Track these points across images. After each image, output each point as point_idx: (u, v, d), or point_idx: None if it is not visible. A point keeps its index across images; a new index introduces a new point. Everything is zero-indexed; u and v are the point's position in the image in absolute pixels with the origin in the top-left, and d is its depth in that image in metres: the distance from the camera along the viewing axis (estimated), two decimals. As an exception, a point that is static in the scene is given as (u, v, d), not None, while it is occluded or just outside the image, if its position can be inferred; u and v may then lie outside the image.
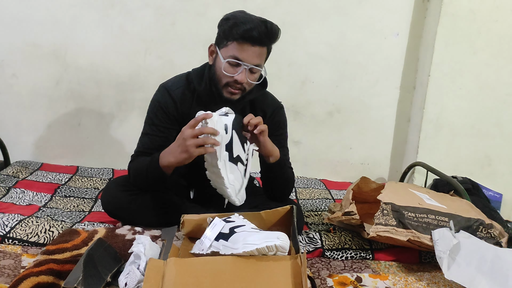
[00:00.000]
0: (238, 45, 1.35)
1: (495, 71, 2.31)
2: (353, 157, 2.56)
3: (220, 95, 1.43)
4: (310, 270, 1.32)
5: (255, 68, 1.39)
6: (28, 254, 1.27)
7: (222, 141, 1.27)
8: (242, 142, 1.31)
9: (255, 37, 1.34)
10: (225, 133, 1.27)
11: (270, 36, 1.37)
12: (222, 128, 1.27)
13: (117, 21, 2.25)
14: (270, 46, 1.42)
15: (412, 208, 1.43)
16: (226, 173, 1.28)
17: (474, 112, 2.35)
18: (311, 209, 1.92)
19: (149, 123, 1.49)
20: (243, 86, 1.40)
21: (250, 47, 1.35)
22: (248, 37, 1.34)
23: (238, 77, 1.37)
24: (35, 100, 2.27)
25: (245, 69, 1.37)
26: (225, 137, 1.27)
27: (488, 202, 2.09)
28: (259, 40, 1.35)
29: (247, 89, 1.43)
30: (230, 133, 1.28)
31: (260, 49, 1.38)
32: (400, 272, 1.36)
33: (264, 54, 1.41)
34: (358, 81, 2.46)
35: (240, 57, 1.36)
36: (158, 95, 1.50)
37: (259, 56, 1.38)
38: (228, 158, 1.28)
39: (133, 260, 1.09)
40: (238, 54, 1.36)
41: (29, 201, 1.72)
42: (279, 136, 1.56)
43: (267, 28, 1.35)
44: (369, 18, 2.40)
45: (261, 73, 1.45)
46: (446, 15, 2.24)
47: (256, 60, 1.37)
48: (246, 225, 1.15)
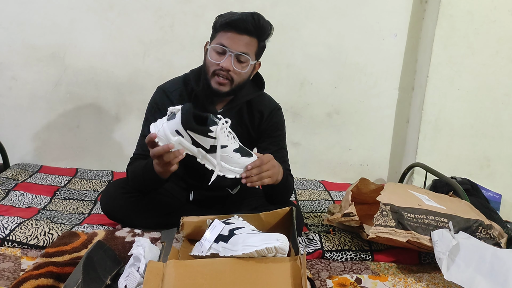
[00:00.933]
0: (224, 33, 1.38)
1: (494, 72, 2.31)
2: (352, 158, 2.56)
3: (209, 86, 1.42)
4: (310, 271, 1.32)
5: (242, 56, 1.38)
6: (28, 257, 1.27)
7: (185, 142, 1.23)
8: (203, 133, 1.23)
9: (240, 25, 1.36)
10: (181, 136, 1.22)
11: (257, 26, 1.38)
12: (175, 134, 1.22)
13: (116, 23, 2.25)
14: (260, 38, 1.41)
15: (411, 209, 1.43)
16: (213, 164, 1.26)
17: (473, 112, 2.35)
18: (311, 210, 1.92)
19: (147, 124, 1.48)
20: (229, 74, 1.39)
21: (236, 35, 1.37)
22: (234, 25, 1.36)
23: (224, 63, 1.37)
24: (34, 102, 2.27)
25: (230, 56, 1.37)
26: (186, 138, 1.23)
27: (487, 202, 2.09)
28: (244, 29, 1.36)
29: (235, 80, 1.41)
30: (186, 134, 1.22)
31: (248, 38, 1.38)
32: (400, 273, 1.37)
33: (253, 46, 1.41)
34: (357, 82, 2.47)
35: (226, 44, 1.37)
36: (155, 97, 1.51)
37: (246, 45, 1.38)
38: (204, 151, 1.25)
39: (133, 262, 1.09)
40: (224, 41, 1.38)
41: (29, 203, 1.72)
42: (277, 137, 1.56)
43: (253, 18, 1.37)
44: (367, 19, 2.40)
45: (253, 68, 1.45)
46: (444, 16, 2.25)
47: (242, 48, 1.38)
48: (245, 227, 1.15)
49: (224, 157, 1.25)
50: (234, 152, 1.25)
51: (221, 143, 1.23)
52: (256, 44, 1.41)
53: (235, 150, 1.26)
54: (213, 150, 1.24)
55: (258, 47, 1.43)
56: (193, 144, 1.24)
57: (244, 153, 1.27)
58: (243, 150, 1.28)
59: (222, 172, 1.26)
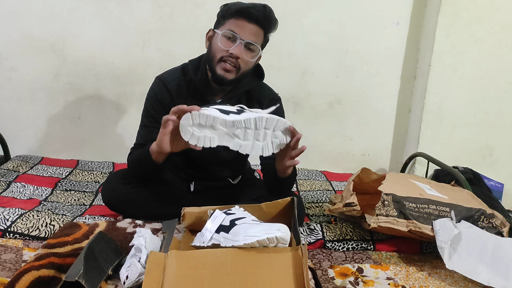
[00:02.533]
0: (235, 20, 1.38)
1: (497, 60, 2.29)
2: (354, 148, 2.55)
3: (214, 73, 1.41)
4: (312, 261, 1.32)
5: (252, 45, 1.38)
6: (29, 248, 1.27)
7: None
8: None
9: (252, 14, 1.36)
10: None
11: (267, 18, 1.38)
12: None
13: (115, 13, 2.23)
14: (267, 30, 1.42)
15: (413, 198, 1.42)
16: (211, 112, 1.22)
17: (475, 101, 2.34)
18: (312, 200, 1.92)
19: (146, 115, 1.50)
20: (237, 62, 1.39)
21: (247, 24, 1.37)
22: (246, 13, 1.36)
23: (234, 50, 1.37)
24: (34, 93, 2.26)
25: (241, 43, 1.37)
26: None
27: (489, 192, 2.08)
28: (255, 18, 1.36)
29: (241, 68, 1.40)
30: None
31: (257, 28, 1.38)
32: (402, 262, 1.37)
33: (261, 36, 1.41)
34: (359, 72, 2.45)
35: (236, 31, 1.37)
36: (154, 87, 1.51)
37: (255, 34, 1.39)
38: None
39: (134, 253, 1.09)
40: (235, 28, 1.37)
41: (30, 195, 1.72)
42: None
43: (265, 9, 1.38)
44: (369, 7, 2.37)
45: (256, 58, 1.45)
46: (446, 4, 2.22)
47: (252, 37, 1.38)
48: (246, 217, 1.15)
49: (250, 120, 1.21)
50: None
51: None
52: (263, 36, 1.42)
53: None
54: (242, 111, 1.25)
55: (264, 39, 1.44)
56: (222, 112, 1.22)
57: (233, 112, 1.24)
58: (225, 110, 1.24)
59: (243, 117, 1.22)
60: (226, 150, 1.26)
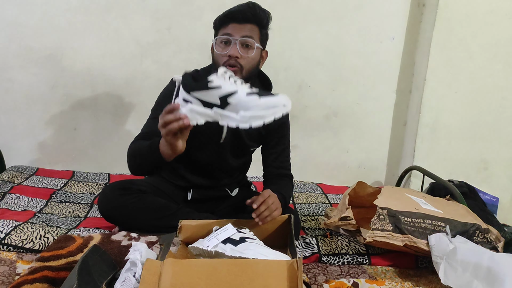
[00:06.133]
0: (226, 26, 1.41)
1: (491, 75, 2.32)
2: (350, 160, 2.56)
3: None
4: (307, 275, 1.32)
5: (247, 40, 1.40)
6: (23, 261, 1.26)
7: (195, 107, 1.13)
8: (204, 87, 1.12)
9: (238, 15, 1.39)
10: (190, 103, 1.14)
11: (254, 13, 1.41)
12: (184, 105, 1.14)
13: (113, 25, 2.24)
14: (260, 24, 1.43)
15: (408, 213, 1.43)
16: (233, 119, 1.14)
17: (470, 115, 2.35)
18: (308, 213, 1.91)
19: (156, 108, 1.51)
20: (238, 62, 1.40)
21: (237, 25, 1.40)
22: (232, 17, 1.40)
23: (231, 51, 1.39)
24: (31, 104, 2.26)
25: (235, 43, 1.39)
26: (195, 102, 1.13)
27: (484, 206, 2.09)
28: (243, 18, 1.40)
29: (244, 66, 1.41)
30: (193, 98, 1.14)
31: (249, 26, 1.41)
32: (397, 277, 1.36)
33: (256, 31, 1.43)
34: (355, 85, 2.47)
35: (228, 32, 1.40)
36: (169, 86, 1.53)
37: (249, 31, 1.41)
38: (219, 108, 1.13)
39: (129, 267, 1.08)
40: (225, 31, 1.41)
41: (24, 206, 1.71)
42: (283, 137, 1.61)
43: (249, 7, 1.41)
44: (365, 22, 2.40)
45: (260, 55, 1.47)
46: (441, 20, 2.25)
47: (244, 32, 1.40)
48: (256, 240, 1.17)
49: (240, 104, 1.12)
50: (248, 95, 1.11)
51: (227, 91, 1.11)
52: (258, 31, 1.44)
53: (249, 93, 1.12)
54: (226, 103, 1.12)
55: (261, 34, 1.45)
56: (205, 106, 1.13)
57: (262, 94, 1.13)
58: (260, 92, 1.14)
59: (244, 122, 1.12)
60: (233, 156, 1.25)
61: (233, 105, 1.11)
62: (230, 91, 1.11)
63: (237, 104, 1.11)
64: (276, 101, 1.12)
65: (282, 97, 1.13)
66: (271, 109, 1.11)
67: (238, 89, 1.12)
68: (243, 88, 1.13)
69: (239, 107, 1.11)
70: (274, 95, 1.13)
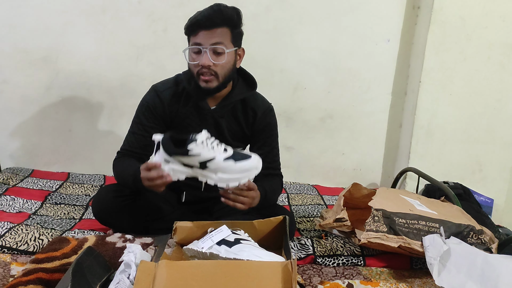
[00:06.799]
0: (195, 35, 1.40)
1: (485, 77, 2.33)
2: (345, 162, 2.56)
3: (198, 87, 1.45)
4: (302, 277, 1.32)
5: (218, 48, 1.39)
6: (18, 263, 1.26)
7: (176, 167, 1.28)
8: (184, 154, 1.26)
9: (202, 22, 1.38)
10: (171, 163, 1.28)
11: (220, 15, 1.39)
12: (165, 164, 1.28)
13: (109, 27, 2.24)
14: (229, 25, 1.42)
15: (403, 214, 1.43)
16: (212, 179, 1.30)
17: (465, 117, 2.37)
18: (304, 215, 1.92)
19: (136, 121, 1.52)
20: (211, 70, 1.41)
21: (205, 32, 1.39)
22: (197, 24, 1.39)
23: (202, 61, 1.39)
24: (26, 106, 2.25)
25: (205, 52, 1.39)
26: (176, 163, 1.28)
27: (479, 207, 2.10)
28: (208, 22, 1.38)
29: (219, 73, 1.42)
30: (173, 159, 1.28)
31: (218, 30, 1.39)
32: (391, 278, 1.37)
33: (226, 34, 1.42)
34: (350, 87, 2.47)
35: (198, 42, 1.40)
36: (147, 96, 1.54)
37: (219, 36, 1.40)
38: (199, 169, 1.29)
39: (123, 269, 1.08)
40: (195, 40, 1.40)
41: (19, 208, 1.70)
42: (270, 137, 1.60)
43: (213, 9, 1.39)
44: (361, 24, 2.41)
45: (235, 55, 1.47)
46: (436, 22, 2.26)
47: (213, 40, 1.39)
48: (251, 241, 1.18)
49: (219, 168, 1.27)
50: (225, 161, 1.27)
51: (206, 158, 1.25)
52: (229, 32, 1.42)
53: (226, 158, 1.27)
54: (205, 166, 1.27)
55: (232, 35, 1.44)
56: (185, 166, 1.28)
57: (238, 158, 1.28)
58: (236, 155, 1.29)
59: (222, 182, 1.28)
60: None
61: (212, 168, 1.27)
62: (209, 158, 1.26)
63: (215, 168, 1.27)
64: (249, 165, 1.29)
65: (254, 160, 1.30)
66: (246, 172, 1.29)
67: (216, 155, 1.26)
68: (221, 154, 1.27)
69: (217, 170, 1.27)
70: (248, 157, 1.29)
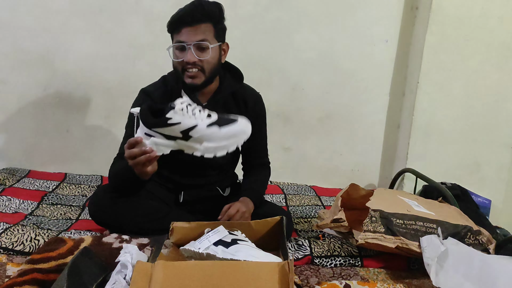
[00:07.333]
0: (178, 32, 1.41)
1: (483, 78, 2.33)
2: (343, 163, 2.56)
3: (184, 84, 1.45)
4: (299, 277, 1.31)
5: (202, 44, 1.40)
6: (13, 263, 1.25)
7: (158, 141, 1.20)
8: (164, 124, 1.18)
9: (186, 18, 1.38)
10: (153, 136, 1.20)
11: (202, 11, 1.39)
12: (147, 138, 1.21)
13: (106, 27, 2.24)
14: (211, 20, 1.42)
15: (400, 215, 1.43)
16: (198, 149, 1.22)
17: (463, 118, 2.37)
18: (301, 216, 1.91)
19: (129, 125, 1.52)
20: (197, 65, 1.41)
21: (187, 28, 1.39)
22: (179, 21, 1.39)
23: (187, 58, 1.40)
24: (23, 106, 2.25)
25: (189, 48, 1.39)
26: (157, 136, 1.20)
27: (477, 208, 2.10)
28: (190, 18, 1.38)
29: (205, 68, 1.43)
30: (154, 132, 1.20)
31: (201, 26, 1.40)
32: (389, 279, 1.36)
33: (209, 30, 1.42)
34: (348, 88, 2.47)
35: (182, 39, 1.40)
36: (138, 100, 1.55)
37: (202, 32, 1.40)
38: (182, 140, 1.20)
39: (120, 269, 1.08)
40: (180, 37, 1.40)
41: (16, 209, 1.70)
42: (259, 131, 1.61)
43: (194, 5, 1.39)
44: (359, 25, 2.41)
45: (220, 50, 1.47)
46: (434, 23, 2.26)
47: (198, 37, 1.39)
48: (248, 242, 1.18)
49: (203, 137, 1.19)
50: (209, 127, 1.19)
51: (187, 126, 1.17)
52: (212, 27, 1.43)
53: (209, 125, 1.19)
54: (188, 136, 1.18)
55: (216, 30, 1.44)
56: (168, 138, 1.19)
57: (223, 123, 1.21)
58: (221, 120, 1.21)
59: (209, 153, 1.20)
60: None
61: (196, 138, 1.18)
62: (190, 125, 1.16)
63: (199, 137, 1.18)
64: (236, 130, 1.20)
65: (241, 123, 1.21)
66: (233, 138, 1.20)
67: (198, 122, 1.17)
68: (203, 119, 1.18)
69: (202, 138, 1.18)
70: (234, 121, 1.20)
